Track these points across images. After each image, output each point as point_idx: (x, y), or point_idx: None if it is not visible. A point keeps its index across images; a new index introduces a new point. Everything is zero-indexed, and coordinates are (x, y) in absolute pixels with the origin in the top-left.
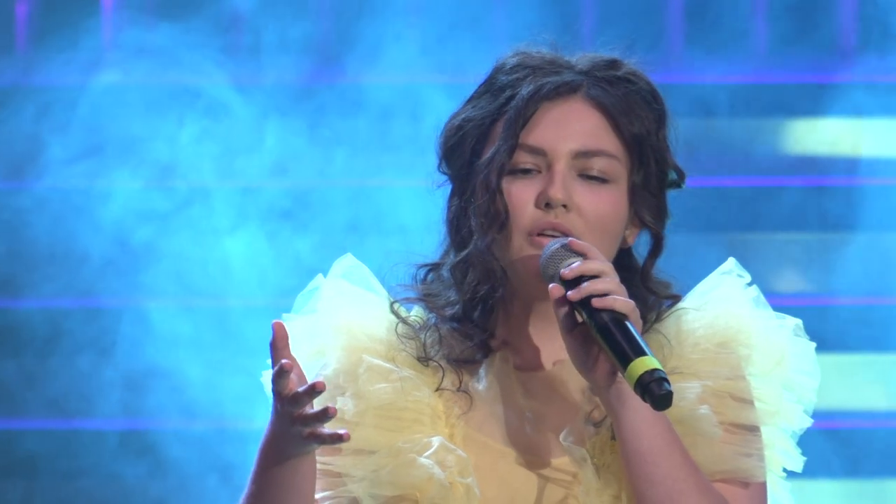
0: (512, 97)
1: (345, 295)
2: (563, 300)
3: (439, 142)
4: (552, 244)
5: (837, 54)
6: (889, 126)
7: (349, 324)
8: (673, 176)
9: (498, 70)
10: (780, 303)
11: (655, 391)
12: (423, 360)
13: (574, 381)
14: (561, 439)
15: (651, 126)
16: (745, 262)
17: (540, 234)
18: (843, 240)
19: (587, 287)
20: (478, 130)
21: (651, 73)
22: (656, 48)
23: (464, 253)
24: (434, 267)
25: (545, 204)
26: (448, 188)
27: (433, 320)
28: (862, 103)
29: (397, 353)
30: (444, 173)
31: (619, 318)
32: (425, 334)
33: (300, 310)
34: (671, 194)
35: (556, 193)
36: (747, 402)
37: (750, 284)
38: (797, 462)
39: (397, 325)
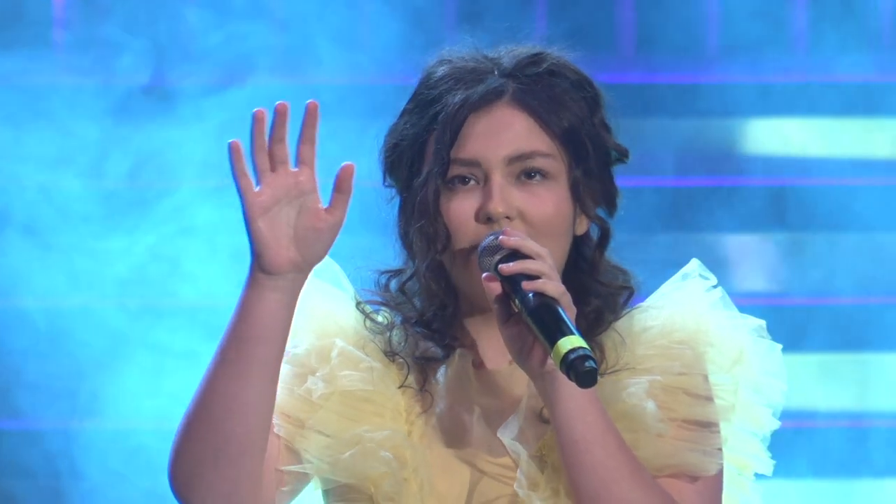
0: (440, 112)
1: (317, 288)
2: (496, 284)
3: (380, 158)
4: (487, 237)
5: (788, 54)
6: (839, 126)
7: (322, 312)
8: (615, 154)
9: (423, 83)
10: (736, 303)
11: (579, 368)
12: (390, 354)
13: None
14: (498, 434)
15: (583, 114)
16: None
17: None
18: (797, 240)
19: (520, 263)
20: (412, 149)
21: (602, 72)
22: (608, 48)
23: (410, 273)
24: (395, 274)
25: (487, 219)
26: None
27: (399, 320)
28: (814, 103)
29: (367, 342)
30: (391, 187)
31: (549, 302)
32: (392, 332)
33: None
34: (627, 195)
35: (497, 207)
36: (702, 397)
37: (716, 286)
38: (766, 465)
39: (365, 320)
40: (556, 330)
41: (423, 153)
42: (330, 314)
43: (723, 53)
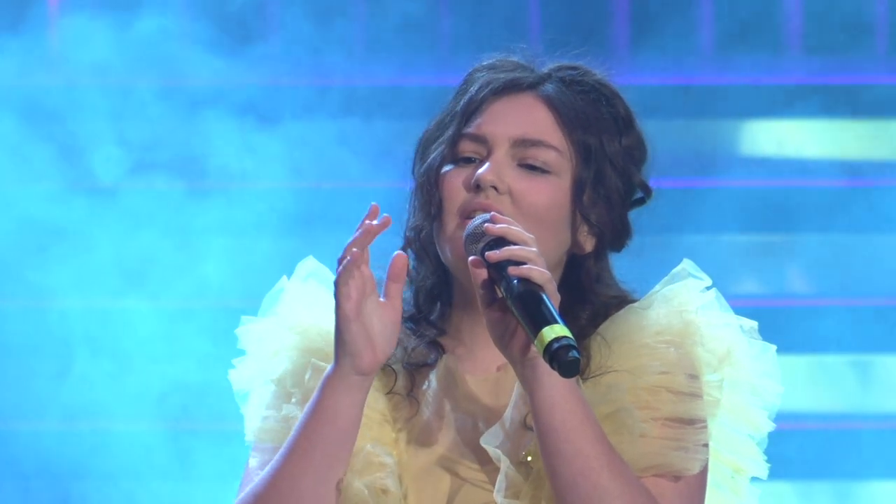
0: (466, 94)
1: (304, 297)
2: (482, 269)
3: (415, 150)
4: (476, 220)
5: (783, 55)
6: (832, 127)
7: (305, 325)
8: (638, 194)
9: (464, 79)
10: (731, 305)
11: (562, 357)
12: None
13: (513, 387)
14: (481, 443)
15: (607, 129)
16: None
17: (469, 217)
18: (792, 241)
19: (506, 250)
20: (437, 131)
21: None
22: (602, 49)
23: (406, 241)
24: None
25: (476, 186)
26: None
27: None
28: (808, 104)
29: None
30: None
31: (533, 289)
32: None
33: (265, 312)
34: None
35: (486, 175)
36: (685, 394)
37: (710, 287)
38: (762, 468)
39: None
40: (540, 318)
41: (444, 135)
42: (316, 327)
43: (717, 54)
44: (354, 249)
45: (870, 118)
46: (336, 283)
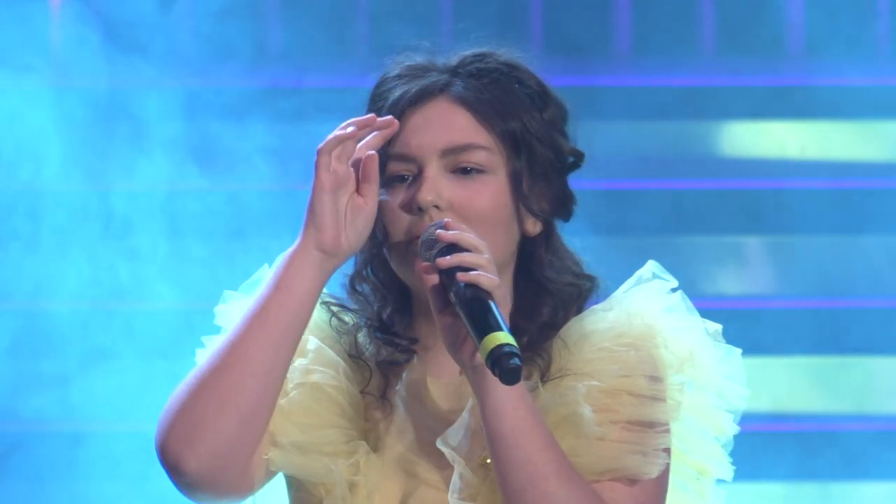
0: (383, 109)
1: None
2: (434, 274)
3: None
4: (429, 227)
5: (783, 57)
6: (833, 129)
7: None
8: (570, 159)
9: (376, 86)
10: (719, 306)
11: (504, 364)
12: (355, 357)
13: None
14: (437, 443)
15: (526, 109)
16: (692, 265)
17: (417, 237)
18: (788, 243)
19: (456, 256)
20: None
21: (598, 75)
22: (603, 51)
23: (356, 270)
24: (357, 278)
25: (417, 209)
26: None
27: (363, 321)
28: (806, 106)
29: (334, 342)
30: None
31: (481, 295)
32: (358, 334)
33: (246, 293)
34: (620, 197)
35: (424, 196)
36: (645, 397)
37: (676, 289)
38: (727, 469)
39: (330, 318)
40: (485, 324)
41: None
42: None
43: (719, 56)
44: (352, 128)
45: (864, 120)
46: (319, 150)
